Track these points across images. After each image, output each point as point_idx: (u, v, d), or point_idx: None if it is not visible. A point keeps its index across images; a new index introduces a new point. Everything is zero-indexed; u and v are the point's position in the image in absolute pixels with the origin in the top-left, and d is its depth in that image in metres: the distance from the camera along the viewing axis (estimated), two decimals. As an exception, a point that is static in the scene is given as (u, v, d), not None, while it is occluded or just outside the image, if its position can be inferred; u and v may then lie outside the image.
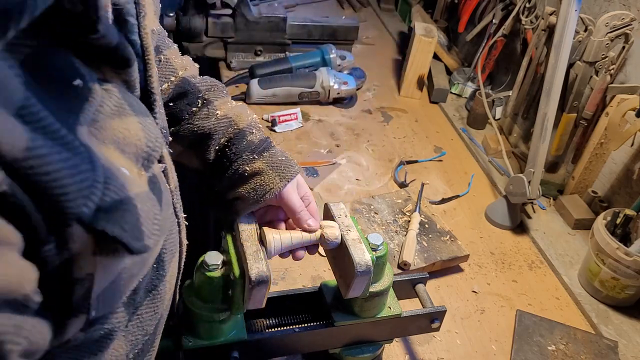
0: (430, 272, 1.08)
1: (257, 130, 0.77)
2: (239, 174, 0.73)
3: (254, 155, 0.74)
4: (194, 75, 0.78)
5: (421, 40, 1.62)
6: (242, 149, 0.74)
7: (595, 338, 1.01)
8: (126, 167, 0.40)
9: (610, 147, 1.20)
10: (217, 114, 0.75)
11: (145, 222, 0.41)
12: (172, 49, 0.76)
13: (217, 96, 0.77)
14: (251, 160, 0.73)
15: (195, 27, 1.61)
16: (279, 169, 0.73)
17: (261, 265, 0.65)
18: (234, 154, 0.74)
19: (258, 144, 0.75)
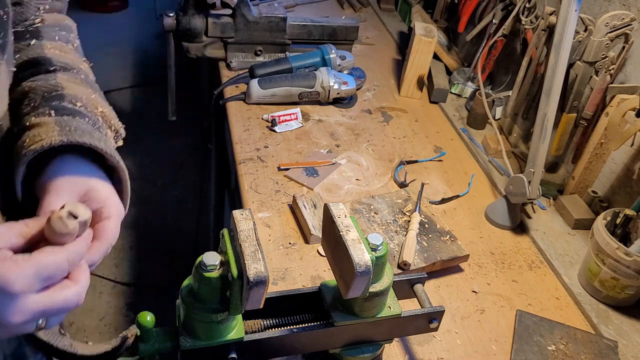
0: (430, 272, 1.08)
1: (84, 106, 0.62)
2: (21, 126, 0.58)
3: (51, 112, 0.58)
4: (59, 56, 0.68)
5: (421, 40, 1.62)
6: (46, 105, 0.60)
7: (595, 338, 1.01)
8: None
9: (610, 147, 1.20)
10: (52, 81, 0.63)
11: None
12: (56, 44, 0.69)
13: (67, 75, 0.67)
14: (43, 115, 0.58)
15: (195, 27, 1.61)
16: (68, 127, 0.56)
17: (259, 265, 0.65)
18: (33, 108, 0.60)
19: (68, 109, 0.60)
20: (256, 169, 1.31)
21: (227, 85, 1.60)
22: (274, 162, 1.34)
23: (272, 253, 1.09)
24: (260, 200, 1.22)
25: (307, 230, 1.13)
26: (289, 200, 1.23)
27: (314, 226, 1.12)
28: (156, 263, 2.70)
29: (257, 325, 0.79)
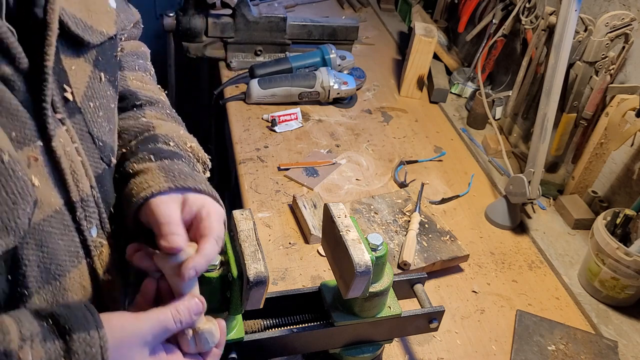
0: (430, 272, 1.08)
1: (176, 145, 0.67)
2: (124, 173, 0.63)
3: (151, 157, 0.63)
4: (143, 88, 0.73)
5: (421, 40, 1.62)
6: (144, 149, 0.64)
7: (595, 338, 1.01)
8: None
9: (610, 147, 1.20)
10: (141, 119, 0.68)
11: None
12: (137, 74, 0.73)
13: (153, 109, 0.71)
14: (144, 161, 0.63)
15: (195, 27, 1.61)
16: (172, 172, 0.61)
17: (259, 265, 0.65)
18: (131, 153, 0.65)
19: (165, 151, 0.64)
20: (256, 169, 1.31)
21: (227, 85, 1.60)
22: (274, 162, 1.34)
23: (272, 253, 1.09)
24: (260, 200, 1.22)
25: (307, 230, 1.13)
26: (289, 200, 1.23)
27: (314, 226, 1.12)
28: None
29: (257, 325, 0.79)
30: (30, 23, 0.47)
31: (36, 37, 0.47)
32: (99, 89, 0.56)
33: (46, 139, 0.48)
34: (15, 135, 0.44)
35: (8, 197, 0.43)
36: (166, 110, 0.74)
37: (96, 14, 0.53)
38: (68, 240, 0.52)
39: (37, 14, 0.47)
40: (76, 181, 0.52)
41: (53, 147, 0.49)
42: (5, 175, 0.42)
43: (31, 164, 0.47)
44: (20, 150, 0.45)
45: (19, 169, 0.44)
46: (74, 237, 0.53)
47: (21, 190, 0.44)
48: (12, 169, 0.43)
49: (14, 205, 0.43)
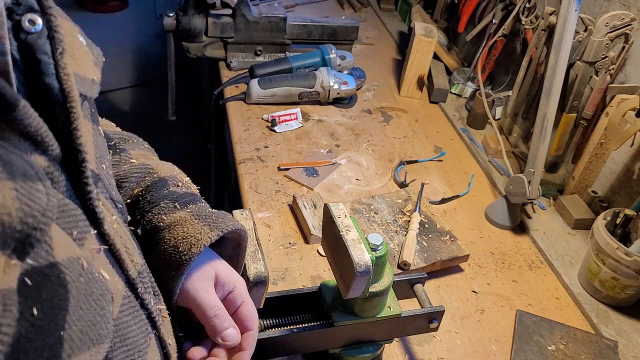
0: (430, 272, 1.08)
1: (184, 185, 0.64)
2: (152, 226, 0.59)
3: (176, 204, 0.60)
4: (104, 125, 0.68)
5: (421, 40, 1.62)
6: (161, 197, 0.61)
7: (595, 338, 1.01)
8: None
9: (610, 147, 1.20)
10: (132, 161, 0.64)
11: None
12: None
13: (133, 147, 0.66)
14: (171, 210, 0.59)
15: (195, 27, 1.61)
16: (208, 218, 0.58)
17: (259, 265, 0.65)
18: (148, 203, 0.60)
19: (182, 195, 0.62)
20: (256, 169, 1.31)
21: (227, 85, 1.60)
22: (274, 162, 1.34)
23: (272, 253, 1.09)
24: (260, 200, 1.22)
25: (307, 230, 1.13)
26: (289, 200, 1.23)
27: (314, 226, 1.12)
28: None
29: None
30: (42, 96, 0.40)
31: (55, 111, 0.40)
32: (102, 146, 0.51)
33: (97, 224, 0.44)
34: (76, 234, 0.39)
35: (96, 305, 0.39)
36: (144, 144, 0.70)
37: (81, 60, 0.46)
38: (140, 322, 0.48)
39: (51, 85, 0.40)
40: (130, 256, 0.48)
41: (105, 231, 0.44)
42: (89, 283, 0.38)
43: (94, 257, 0.42)
44: (83, 247, 0.40)
45: (95, 270, 0.40)
46: (142, 316, 0.49)
47: (102, 292, 0.40)
48: (91, 273, 0.39)
49: (102, 311, 0.39)
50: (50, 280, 0.34)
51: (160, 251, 0.57)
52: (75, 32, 0.47)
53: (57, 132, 0.40)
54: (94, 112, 0.51)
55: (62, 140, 0.40)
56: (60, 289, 0.35)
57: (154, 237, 0.58)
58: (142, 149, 0.68)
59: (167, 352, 0.53)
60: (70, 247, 0.37)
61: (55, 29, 0.40)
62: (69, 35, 0.44)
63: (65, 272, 0.35)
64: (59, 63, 0.40)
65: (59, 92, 0.40)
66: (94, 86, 0.48)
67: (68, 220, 0.39)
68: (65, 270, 0.35)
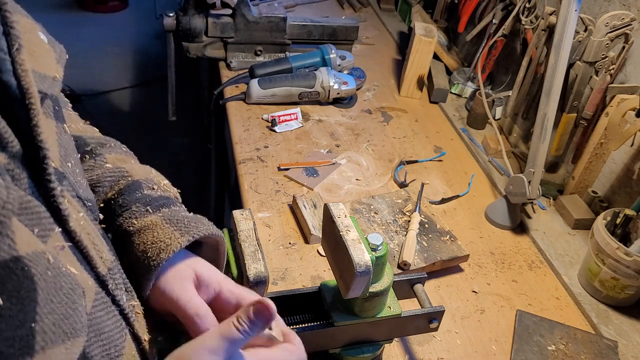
0: (430, 272, 1.08)
1: (160, 188, 0.63)
2: (122, 230, 0.58)
3: (147, 208, 0.59)
4: (81, 130, 0.67)
5: (421, 40, 1.62)
6: (133, 200, 0.60)
7: (595, 338, 1.01)
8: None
9: (610, 147, 1.20)
10: (107, 165, 0.63)
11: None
12: (67, 112, 0.65)
13: (110, 151, 0.65)
14: (142, 214, 0.58)
15: (195, 27, 1.61)
16: (180, 223, 0.57)
17: (259, 265, 0.65)
18: (119, 206, 0.59)
19: (156, 198, 0.61)
20: (256, 169, 1.31)
21: (227, 85, 1.60)
22: (274, 162, 1.34)
23: (272, 253, 1.09)
24: (260, 200, 1.22)
25: (307, 230, 1.13)
26: (289, 200, 1.23)
27: (314, 226, 1.12)
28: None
29: (257, 325, 0.79)
30: (0, 93, 0.40)
31: (14, 108, 0.40)
32: (67, 144, 0.50)
33: (62, 222, 0.43)
34: (38, 231, 0.39)
35: (67, 299, 0.39)
36: (121, 148, 0.69)
37: (41, 57, 0.45)
38: (113, 317, 0.48)
39: (9, 82, 0.40)
40: (99, 253, 0.48)
41: (71, 228, 0.44)
42: (57, 277, 0.38)
43: (59, 254, 0.41)
44: (46, 244, 0.40)
45: (62, 265, 0.40)
46: (114, 312, 0.49)
47: (72, 286, 0.40)
48: (58, 268, 0.39)
49: (74, 305, 0.39)
50: (14, 273, 0.34)
51: (130, 254, 0.56)
52: (35, 30, 0.46)
53: (17, 129, 0.40)
54: (57, 109, 0.50)
55: (23, 138, 0.40)
56: (27, 281, 0.34)
57: (124, 241, 0.58)
58: (119, 152, 0.67)
59: (142, 347, 0.53)
60: (34, 242, 0.37)
61: (10, 24, 0.40)
62: (28, 32, 0.44)
63: (30, 266, 0.35)
64: (16, 59, 0.40)
65: (16, 88, 0.40)
66: (55, 83, 0.46)
67: (30, 217, 0.38)
68: (30, 264, 0.35)
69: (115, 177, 0.62)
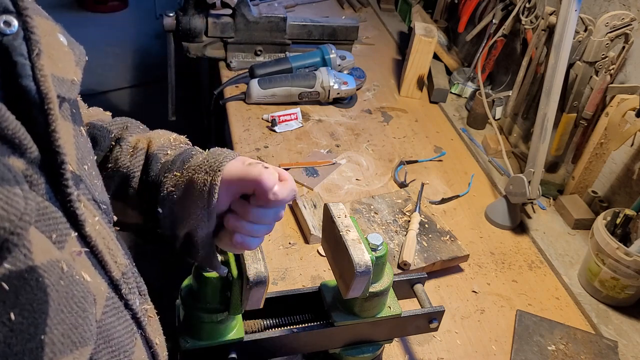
0: (430, 272, 1.08)
1: (171, 150, 0.68)
2: (168, 200, 0.63)
3: (174, 173, 0.64)
4: (102, 120, 0.69)
5: (421, 40, 1.62)
6: (158, 172, 0.65)
7: (595, 338, 1.01)
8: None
9: (610, 147, 1.20)
10: (131, 150, 0.67)
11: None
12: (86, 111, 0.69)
13: (131, 133, 0.69)
14: (172, 179, 0.64)
15: (195, 27, 1.61)
16: (204, 165, 0.62)
17: (259, 265, 0.65)
18: (152, 184, 0.65)
19: (174, 160, 0.66)
20: (256, 169, 1.31)
21: (227, 85, 1.60)
22: (274, 162, 1.34)
23: (272, 253, 1.09)
24: (260, 200, 1.22)
25: (307, 230, 1.13)
26: (289, 200, 1.23)
27: (314, 226, 1.12)
28: (155, 263, 2.70)
29: (257, 325, 0.79)
30: (19, 98, 0.39)
31: (33, 113, 0.40)
32: (84, 147, 0.51)
33: (78, 226, 0.43)
34: (55, 237, 0.39)
35: (78, 307, 0.39)
36: (139, 127, 0.72)
37: (60, 60, 0.45)
38: (124, 322, 0.48)
39: (28, 87, 0.39)
40: (114, 257, 0.48)
41: (87, 233, 0.44)
42: (70, 286, 0.38)
43: (75, 259, 0.42)
44: (63, 250, 0.40)
45: (75, 272, 0.40)
46: (126, 316, 0.49)
47: (84, 295, 0.40)
48: (71, 276, 0.38)
49: (85, 314, 0.39)
50: (29, 285, 0.34)
51: (187, 214, 0.61)
52: (55, 32, 0.46)
53: (36, 134, 0.40)
54: (75, 112, 0.50)
55: (41, 143, 0.40)
56: (40, 293, 0.34)
57: (176, 206, 0.62)
58: (139, 132, 0.71)
59: (154, 351, 0.54)
60: (50, 250, 0.37)
61: (31, 29, 0.40)
62: (48, 35, 0.44)
63: (45, 276, 0.35)
64: (36, 65, 0.40)
65: (36, 94, 0.40)
66: (74, 87, 0.47)
67: (48, 223, 0.38)
68: (44, 274, 0.35)
69: (140, 158, 0.67)
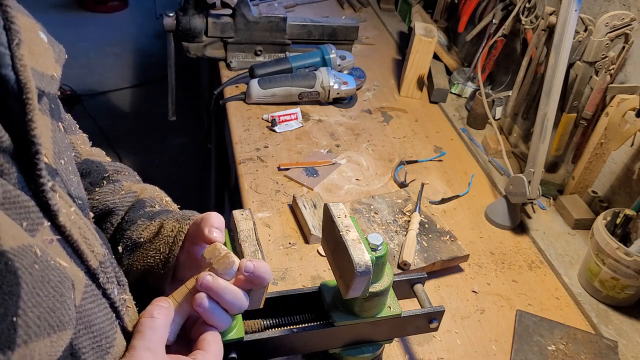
0: (430, 272, 1.08)
1: (159, 206, 0.70)
2: (132, 242, 0.64)
3: (151, 221, 0.65)
4: (101, 161, 0.71)
5: (421, 40, 1.62)
6: (137, 216, 0.66)
7: (595, 338, 1.01)
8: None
9: (610, 147, 1.20)
10: (122, 192, 0.69)
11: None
12: (79, 135, 0.70)
13: (126, 179, 0.71)
14: (147, 226, 0.65)
15: (195, 27, 1.61)
16: (177, 214, 0.65)
17: (260, 265, 0.65)
18: (126, 222, 0.66)
19: (157, 213, 0.67)
20: (256, 169, 1.31)
21: (227, 85, 1.60)
22: (274, 162, 1.34)
23: (272, 253, 1.09)
24: (260, 200, 1.22)
25: (307, 230, 1.13)
26: (289, 200, 1.23)
27: (314, 226, 1.12)
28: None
29: (257, 325, 0.79)
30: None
31: (9, 103, 0.40)
32: (62, 142, 0.51)
33: (51, 216, 0.44)
34: (26, 225, 0.39)
35: (54, 292, 0.39)
36: (135, 176, 0.74)
37: (40, 56, 0.46)
38: (104, 310, 0.49)
39: (7, 77, 0.40)
40: (90, 247, 0.48)
41: (61, 222, 0.44)
42: (45, 270, 0.38)
43: (48, 247, 0.42)
44: (35, 237, 0.40)
45: (50, 258, 0.40)
46: (105, 305, 0.50)
47: (60, 279, 0.40)
48: (46, 260, 0.39)
49: (62, 298, 0.40)
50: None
51: (146, 256, 0.63)
52: (35, 29, 0.47)
53: (11, 124, 0.40)
54: (54, 108, 0.51)
55: (16, 132, 0.40)
56: (10, 275, 0.35)
57: (137, 249, 0.64)
58: (133, 180, 0.73)
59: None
60: (21, 236, 0.37)
61: (11, 20, 0.40)
62: (28, 30, 0.44)
63: (14, 260, 0.35)
64: (16, 54, 0.40)
65: (15, 83, 0.40)
66: (54, 82, 0.47)
67: (18, 212, 0.38)
68: (14, 258, 0.35)
69: (130, 201, 0.69)
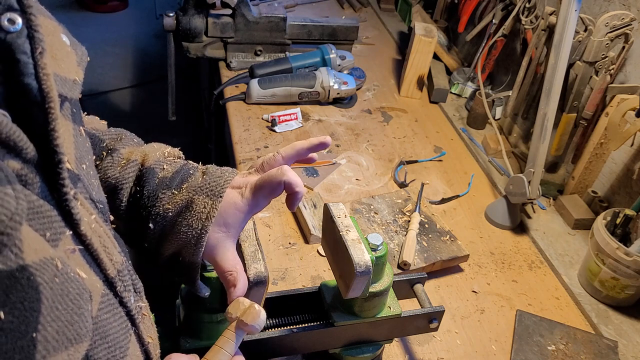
0: (430, 272, 1.08)
1: (168, 165, 0.68)
2: (161, 217, 0.63)
3: (172, 191, 0.64)
4: (96, 129, 0.69)
5: (421, 40, 1.62)
6: (155, 188, 0.65)
7: (595, 338, 1.01)
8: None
9: (610, 147, 1.20)
10: (123, 162, 0.67)
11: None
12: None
13: (124, 145, 0.69)
14: (170, 197, 0.63)
15: (195, 27, 1.61)
16: (205, 188, 0.63)
17: (259, 265, 0.65)
18: (147, 198, 0.64)
19: (172, 177, 0.65)
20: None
21: (227, 85, 1.60)
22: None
23: (272, 253, 1.09)
24: (260, 200, 1.22)
25: (307, 230, 1.13)
26: (289, 200, 1.23)
27: (314, 226, 1.12)
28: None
29: (257, 325, 0.79)
30: (20, 96, 0.39)
31: (33, 111, 0.40)
32: (83, 146, 0.51)
33: (73, 225, 0.43)
34: (49, 235, 0.39)
35: (73, 304, 0.39)
36: (133, 140, 0.72)
37: (63, 60, 0.45)
38: (120, 319, 0.49)
39: (30, 85, 0.39)
40: (109, 255, 0.48)
41: (82, 231, 0.44)
42: (65, 283, 0.38)
43: (69, 257, 0.42)
44: (57, 247, 0.40)
45: (70, 270, 0.40)
46: (121, 313, 0.49)
47: (79, 291, 0.40)
48: (66, 273, 0.39)
49: (80, 310, 0.39)
50: (19, 283, 0.33)
51: (178, 233, 0.62)
52: (58, 32, 0.47)
53: (34, 132, 0.40)
54: (75, 112, 0.50)
55: (39, 141, 0.40)
56: (31, 291, 0.34)
57: (168, 225, 0.63)
58: (132, 144, 0.70)
59: (146, 349, 0.54)
60: (43, 249, 0.37)
61: (35, 28, 0.40)
62: (51, 35, 0.44)
63: (36, 274, 0.35)
64: (39, 63, 0.40)
65: (37, 92, 0.40)
66: (75, 87, 0.47)
67: (42, 222, 0.38)
68: (35, 272, 0.35)
69: (133, 172, 0.67)
